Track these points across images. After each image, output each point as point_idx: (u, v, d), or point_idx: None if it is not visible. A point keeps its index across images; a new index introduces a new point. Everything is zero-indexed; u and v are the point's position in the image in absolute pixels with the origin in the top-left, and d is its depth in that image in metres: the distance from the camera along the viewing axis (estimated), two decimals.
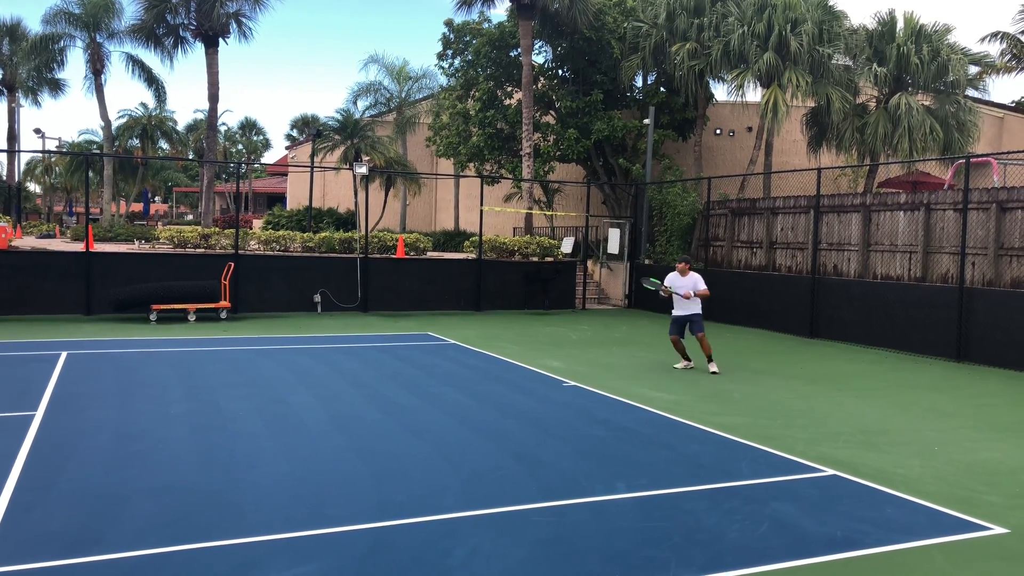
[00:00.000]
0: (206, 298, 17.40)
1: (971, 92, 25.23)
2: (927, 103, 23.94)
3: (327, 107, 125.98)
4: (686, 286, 12.26)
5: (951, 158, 20.96)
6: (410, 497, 5.97)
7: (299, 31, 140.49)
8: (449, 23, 28.78)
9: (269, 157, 76.51)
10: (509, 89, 28.35)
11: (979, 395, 11.13)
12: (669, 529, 5.46)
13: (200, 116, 65.35)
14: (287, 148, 55.64)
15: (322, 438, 7.65)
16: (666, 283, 12.51)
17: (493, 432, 8.11)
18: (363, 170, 19.94)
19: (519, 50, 26.49)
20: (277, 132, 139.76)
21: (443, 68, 29.77)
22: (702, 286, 12.28)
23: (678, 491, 6.32)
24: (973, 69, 25.04)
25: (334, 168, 29.64)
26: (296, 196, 44.90)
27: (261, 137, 73.88)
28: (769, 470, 7.01)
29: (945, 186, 19.06)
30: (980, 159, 18.54)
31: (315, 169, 26.39)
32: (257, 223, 43.29)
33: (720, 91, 27.68)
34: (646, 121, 24.51)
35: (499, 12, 38.20)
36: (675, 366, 12.53)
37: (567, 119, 26.65)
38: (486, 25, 28.60)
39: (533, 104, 25.57)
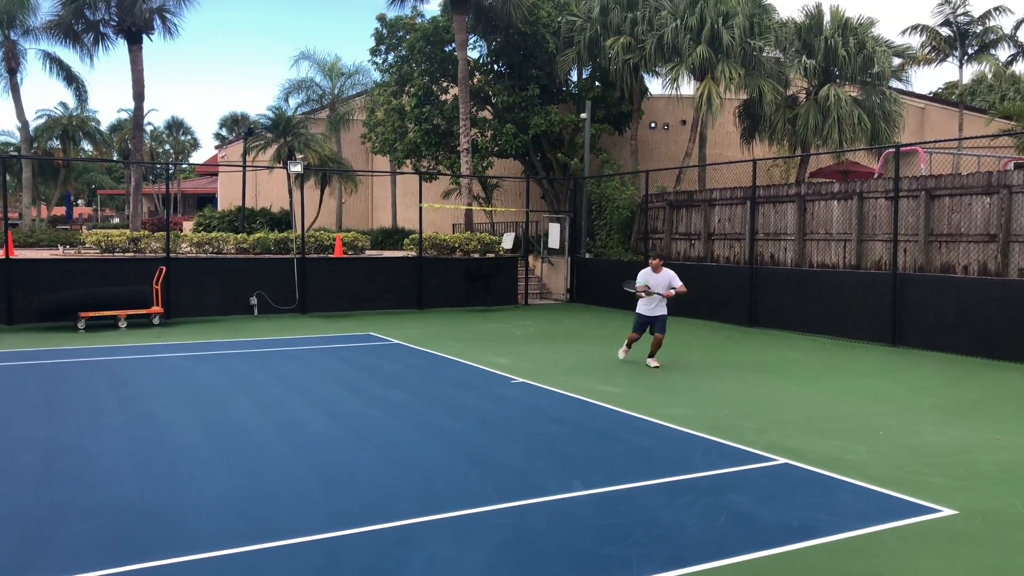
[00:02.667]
0: (137, 304, 16.81)
1: (895, 83, 25.97)
2: (854, 94, 24.54)
3: (257, 105, 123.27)
4: (661, 282, 12.09)
5: (881, 148, 21.51)
6: (361, 505, 5.78)
7: (225, 30, 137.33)
8: (382, 18, 28.41)
9: (198, 157, 74.63)
10: (445, 84, 28.11)
11: (916, 378, 11.41)
12: (628, 526, 5.40)
13: (124, 116, 63.29)
14: (217, 148, 54.25)
15: (266, 447, 7.38)
16: (639, 281, 12.30)
17: (444, 433, 7.96)
18: (297, 168, 19.49)
19: (454, 45, 26.27)
20: (205, 131, 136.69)
21: (377, 64, 29.41)
22: (678, 283, 12.11)
23: (634, 486, 6.27)
24: (896, 61, 25.77)
25: (267, 167, 28.97)
26: (228, 196, 43.74)
27: (189, 137, 72.02)
28: (721, 461, 7.03)
29: (875, 175, 19.55)
30: (909, 148, 19.06)
31: (247, 168, 25.74)
32: (188, 225, 42.11)
33: (655, 85, 27.93)
34: (583, 115, 24.56)
35: (432, 7, 37.89)
36: (620, 356, 12.54)
37: (504, 114, 26.55)
38: (419, 20, 28.30)
39: (470, 99, 25.39)
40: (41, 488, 6.13)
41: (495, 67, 28.31)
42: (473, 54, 27.57)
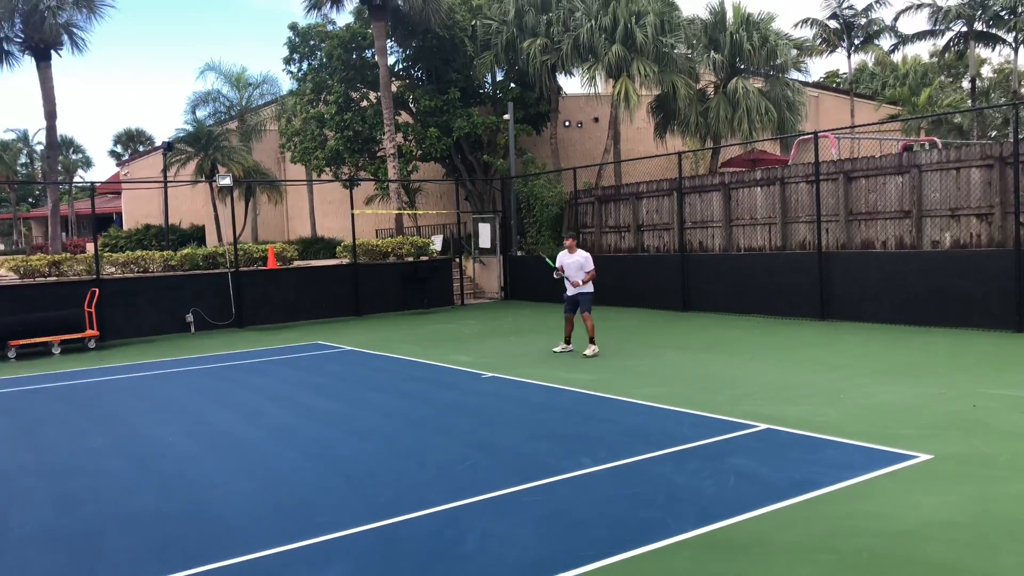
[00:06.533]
0: (70, 328, 16.29)
1: (795, 74, 27.45)
2: (760, 86, 25.83)
3: (154, 121, 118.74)
4: (573, 264, 12.48)
5: (795, 136, 22.74)
6: (391, 497, 5.99)
7: (114, 46, 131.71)
8: (294, 27, 28.13)
9: (91, 176, 71.50)
10: (364, 91, 28.07)
11: (853, 346, 12.28)
12: (650, 492, 5.81)
13: (12, 135, 60.46)
14: (118, 164, 52.23)
15: (270, 453, 7.48)
16: (558, 262, 12.72)
17: (439, 427, 8.21)
18: (227, 182, 19.22)
19: (371, 51, 26.29)
20: (98, 149, 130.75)
21: (292, 73, 29.06)
22: (589, 266, 12.46)
23: (640, 459, 6.68)
24: (794, 52, 27.23)
25: (190, 182, 28.25)
26: (134, 215, 42.30)
27: (81, 155, 69.04)
28: (709, 431, 7.52)
29: (789, 161, 20.70)
30: (826, 133, 20.26)
31: (165, 184, 25.07)
32: (90, 247, 40.50)
33: (571, 84, 28.70)
34: (506, 116, 25.00)
35: (343, 15, 37.34)
36: (554, 350, 12.82)
37: (426, 118, 26.74)
38: (331, 27, 28.16)
39: (392, 104, 25.47)
40: (63, 508, 6.09)
41: (413, 72, 28.44)
42: (390, 59, 27.63)
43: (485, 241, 24.36)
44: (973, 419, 7.48)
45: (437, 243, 25.19)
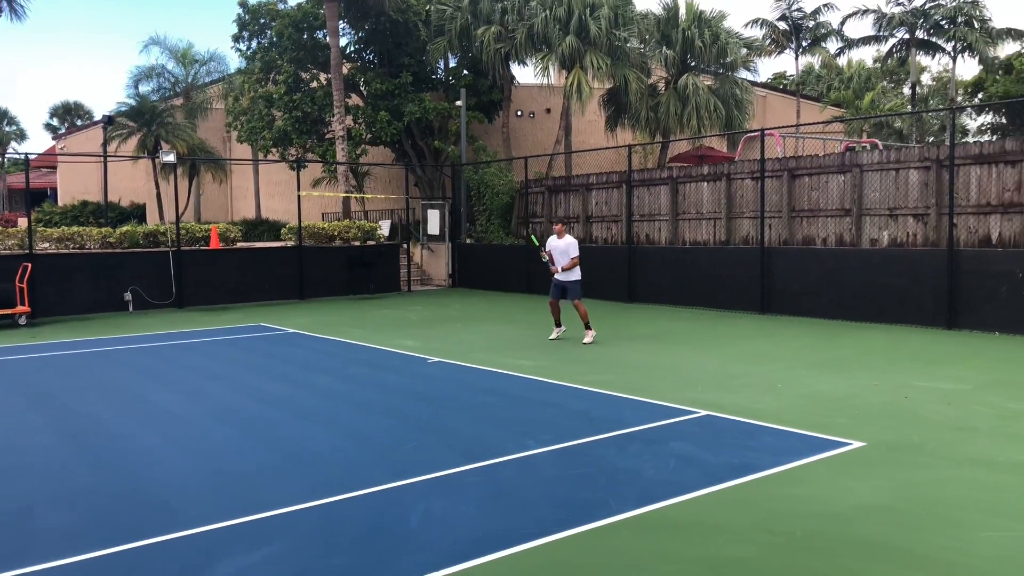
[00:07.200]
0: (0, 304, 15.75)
1: (744, 74, 27.90)
2: (710, 84, 26.19)
3: (94, 95, 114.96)
4: (560, 249, 12.57)
5: (742, 132, 23.14)
6: (335, 476, 5.95)
7: (52, 14, 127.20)
8: (244, 3, 27.53)
9: (25, 149, 69.07)
10: (314, 72, 27.65)
11: (791, 339, 12.58)
12: (593, 474, 5.88)
13: None
14: (54, 138, 50.57)
15: (210, 431, 7.35)
16: (547, 247, 12.78)
17: (384, 409, 8.17)
18: (171, 158, 18.76)
19: (323, 32, 25.90)
20: (33, 122, 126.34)
21: (240, 51, 28.45)
22: (573, 252, 12.47)
23: (583, 442, 6.75)
24: (744, 51, 27.67)
25: (132, 157, 27.47)
26: (70, 190, 40.94)
27: (15, 127, 66.60)
28: (651, 416, 7.64)
29: (736, 158, 21.04)
30: (772, 131, 20.63)
31: (104, 159, 24.32)
32: (22, 222, 39.11)
33: (525, 73, 28.74)
34: (458, 103, 24.89)
35: None
36: (550, 337, 12.81)
37: (377, 101, 26.46)
38: (282, 6, 27.65)
39: (343, 87, 25.15)
40: None
41: (365, 55, 28.11)
42: (342, 41, 27.26)
43: (434, 228, 24.26)
44: (904, 410, 7.73)
45: (385, 228, 24.99)
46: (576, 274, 12.62)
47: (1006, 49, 35.77)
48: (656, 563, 4.36)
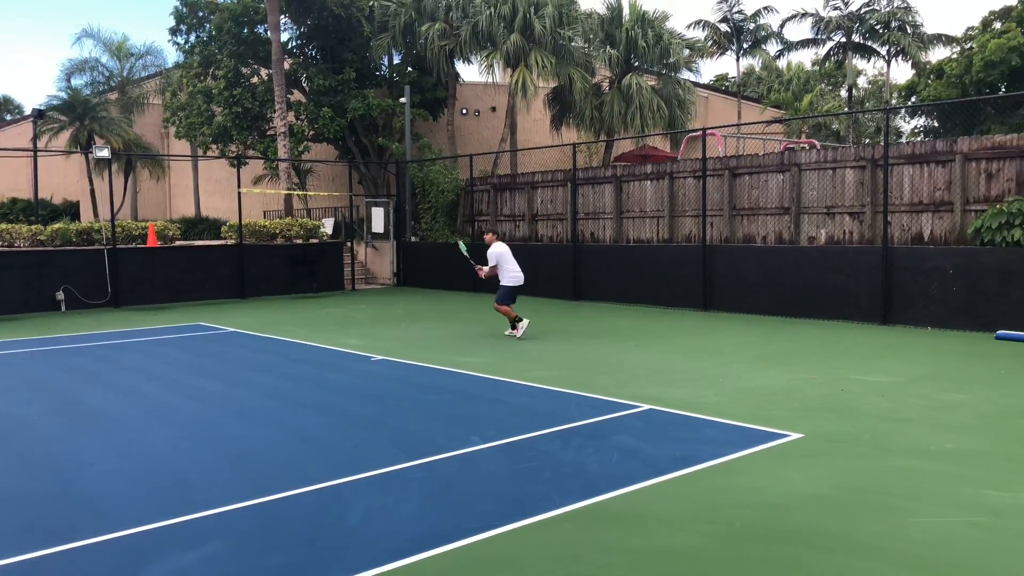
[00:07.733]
0: None
1: (687, 74, 28.29)
2: (653, 84, 26.49)
3: (21, 88, 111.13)
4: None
5: (686, 132, 23.43)
6: (276, 474, 5.84)
7: None
8: None
9: None
10: (255, 67, 27.16)
11: (733, 335, 12.78)
12: (537, 468, 5.88)
13: None
14: None
15: (145, 431, 7.15)
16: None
17: (326, 408, 8.05)
18: (105, 154, 18.21)
19: (264, 26, 25.46)
20: None
21: (179, 44, 27.78)
22: (491, 262, 12.87)
23: (527, 437, 6.75)
24: (687, 52, 28.06)
25: (63, 152, 26.59)
26: None
27: None
28: (595, 411, 7.68)
29: (678, 157, 21.31)
30: (713, 131, 20.96)
31: (39, 154, 23.51)
32: None
33: (470, 71, 28.67)
34: (402, 100, 24.72)
35: None
36: (517, 336, 12.68)
37: (320, 98, 26.12)
38: (221, 0, 27.10)
39: (284, 82, 24.76)
40: None
41: (307, 50, 27.72)
42: (284, 36, 26.84)
43: (378, 226, 24.05)
44: (841, 402, 7.91)
45: (328, 226, 24.70)
46: (504, 280, 12.78)
47: (937, 54, 36.99)
48: (598, 554, 4.37)
